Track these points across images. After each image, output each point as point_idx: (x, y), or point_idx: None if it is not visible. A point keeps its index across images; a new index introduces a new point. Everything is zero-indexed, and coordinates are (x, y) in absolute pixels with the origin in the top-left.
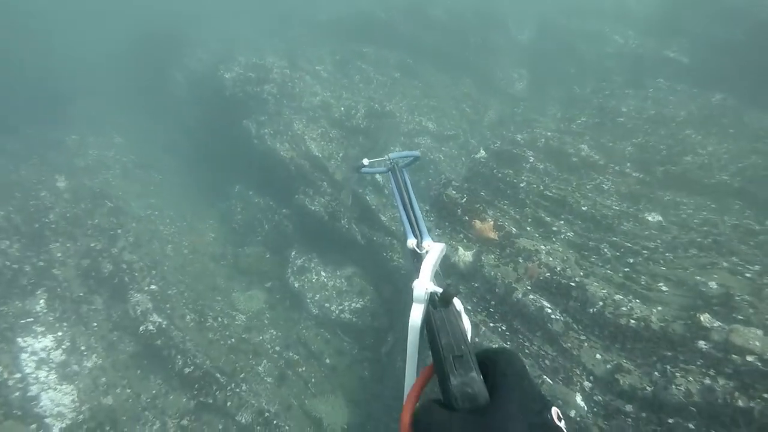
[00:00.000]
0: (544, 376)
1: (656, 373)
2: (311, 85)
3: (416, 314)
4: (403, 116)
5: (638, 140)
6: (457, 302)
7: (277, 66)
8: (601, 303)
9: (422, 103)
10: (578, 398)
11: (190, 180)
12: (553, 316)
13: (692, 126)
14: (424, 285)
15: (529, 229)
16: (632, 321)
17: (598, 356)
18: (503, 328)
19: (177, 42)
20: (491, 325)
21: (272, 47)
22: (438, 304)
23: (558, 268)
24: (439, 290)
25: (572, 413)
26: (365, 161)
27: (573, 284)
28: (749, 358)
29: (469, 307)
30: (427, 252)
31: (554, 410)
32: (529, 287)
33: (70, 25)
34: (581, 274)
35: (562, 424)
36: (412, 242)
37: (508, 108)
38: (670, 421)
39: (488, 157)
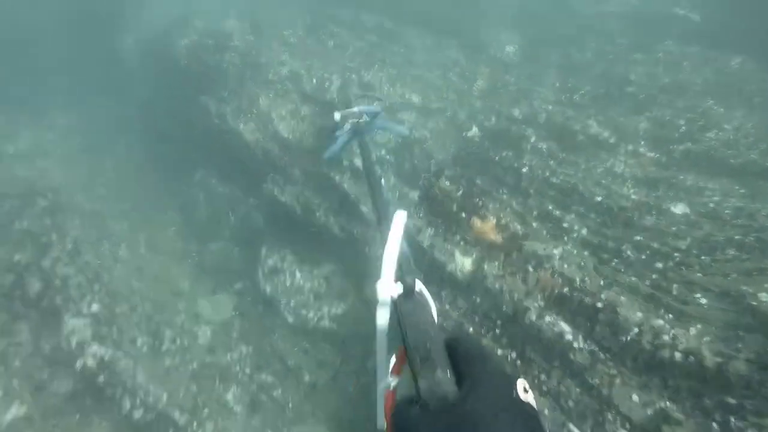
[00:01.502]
0: (569, 424)
1: (715, 424)
2: (278, 54)
3: (382, 318)
4: (383, 88)
5: (653, 114)
6: (417, 283)
7: (238, 31)
8: (636, 329)
9: (404, 72)
10: None
11: (147, 164)
12: (575, 345)
13: (713, 96)
14: (387, 289)
15: (535, 225)
16: (677, 353)
17: (634, 397)
18: (513, 355)
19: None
20: (499, 351)
21: (236, 9)
22: (402, 297)
23: (576, 280)
24: (401, 290)
25: None
26: (336, 115)
27: (599, 305)
28: None
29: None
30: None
31: (519, 383)
32: (542, 303)
33: None
34: (601, 284)
35: (529, 397)
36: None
37: (499, 75)
38: None
39: (482, 135)
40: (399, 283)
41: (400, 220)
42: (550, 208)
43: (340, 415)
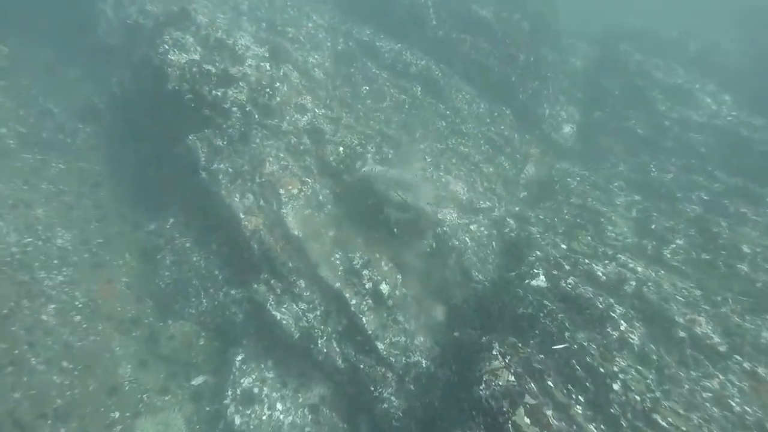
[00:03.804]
0: None
1: None
2: (299, 91)
3: None
4: (426, 173)
5: None
6: None
7: (251, 54)
8: None
9: (449, 147)
10: None
11: (108, 174)
12: None
13: None
14: None
15: None
16: None
17: None
18: None
19: None
20: None
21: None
22: None
23: None
24: None
25: None
26: None
27: None
28: None
29: None
30: None
31: None
32: None
33: None
34: None
35: None
36: None
37: (551, 161)
38: None
39: (551, 289)
40: None
41: None
42: None
43: None
